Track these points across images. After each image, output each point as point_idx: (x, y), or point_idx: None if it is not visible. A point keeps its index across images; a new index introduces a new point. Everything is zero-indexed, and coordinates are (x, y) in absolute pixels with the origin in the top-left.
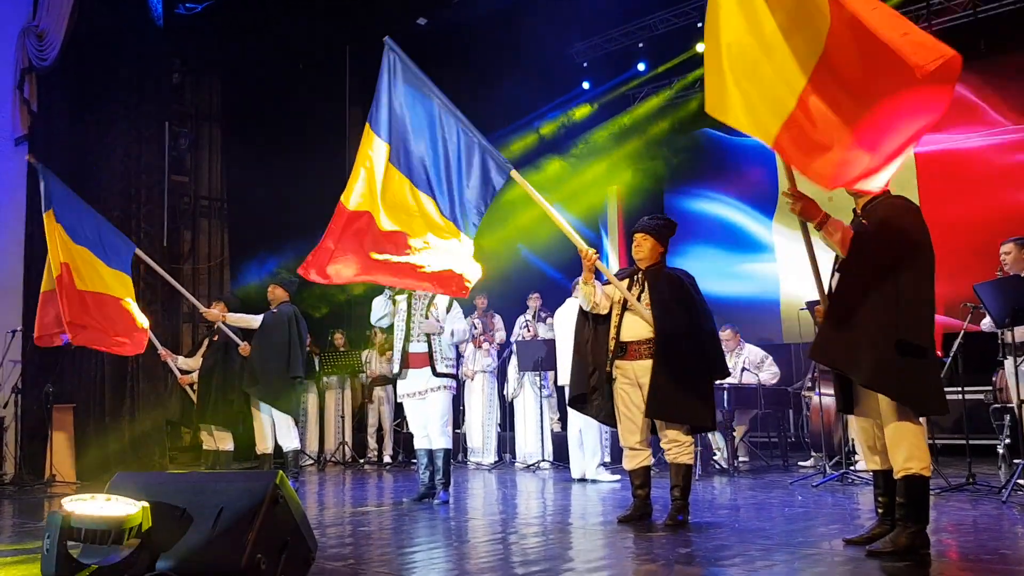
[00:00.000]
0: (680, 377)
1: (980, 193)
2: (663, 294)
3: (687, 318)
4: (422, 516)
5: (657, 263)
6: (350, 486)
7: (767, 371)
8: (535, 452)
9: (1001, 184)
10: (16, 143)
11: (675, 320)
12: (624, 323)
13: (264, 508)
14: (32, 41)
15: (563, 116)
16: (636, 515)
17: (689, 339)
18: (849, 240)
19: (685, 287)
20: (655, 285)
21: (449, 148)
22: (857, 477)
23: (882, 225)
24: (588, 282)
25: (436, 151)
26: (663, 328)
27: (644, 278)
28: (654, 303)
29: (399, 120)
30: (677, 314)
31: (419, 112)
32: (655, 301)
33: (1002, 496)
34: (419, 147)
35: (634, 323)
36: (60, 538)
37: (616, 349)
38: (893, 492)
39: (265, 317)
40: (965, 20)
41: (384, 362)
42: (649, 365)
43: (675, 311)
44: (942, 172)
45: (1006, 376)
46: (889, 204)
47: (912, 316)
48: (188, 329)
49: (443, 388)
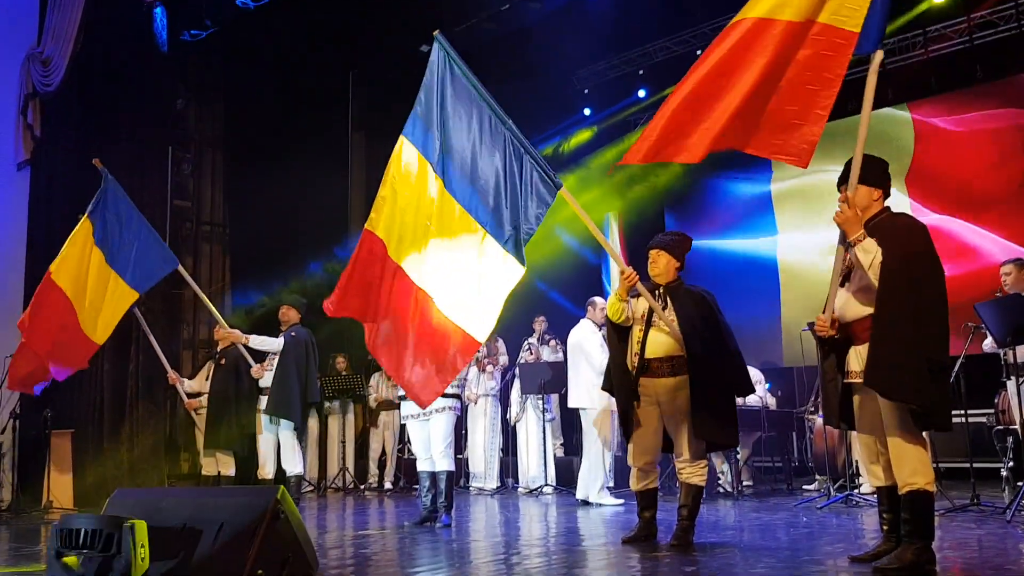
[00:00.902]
0: (714, 396)
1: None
2: (688, 310)
3: (714, 336)
4: (424, 539)
5: (675, 279)
6: (351, 511)
7: (757, 393)
8: (538, 477)
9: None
10: (19, 168)
11: (704, 339)
12: (648, 339)
13: (265, 523)
14: (36, 67)
15: (564, 141)
16: (641, 536)
17: (718, 357)
18: (879, 264)
19: (708, 304)
20: (679, 301)
21: (498, 161)
22: (862, 499)
23: (907, 248)
24: (623, 298)
25: (482, 163)
26: (694, 347)
27: (666, 293)
28: (681, 320)
29: (446, 128)
30: (705, 333)
31: (465, 119)
32: (682, 317)
33: (1007, 516)
34: (465, 159)
35: (658, 340)
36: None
37: (640, 367)
38: (898, 509)
39: (286, 339)
40: (962, 47)
41: (391, 387)
42: (670, 383)
43: (702, 329)
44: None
45: (1008, 397)
46: (898, 224)
47: (942, 335)
48: (188, 356)
49: (446, 409)
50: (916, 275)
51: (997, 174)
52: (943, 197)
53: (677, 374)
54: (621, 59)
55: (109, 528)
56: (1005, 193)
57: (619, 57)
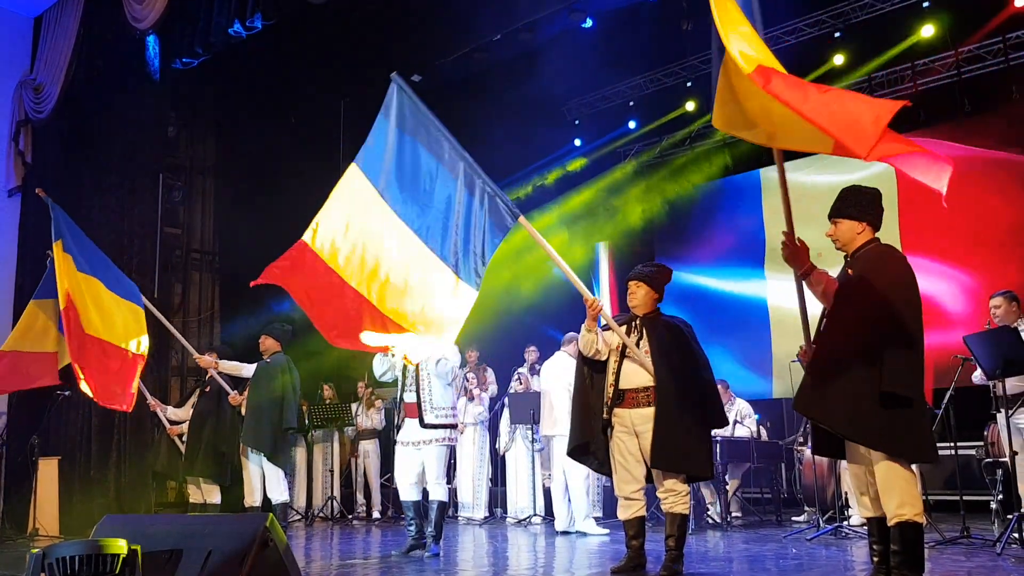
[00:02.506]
0: (682, 426)
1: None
2: (662, 341)
3: (686, 366)
4: (411, 568)
5: (653, 311)
6: (338, 540)
7: (747, 426)
8: (527, 507)
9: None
10: (10, 194)
11: (674, 369)
12: (623, 371)
13: (254, 551)
14: (29, 94)
15: (555, 171)
16: (630, 566)
17: (689, 388)
18: (832, 293)
19: (683, 335)
20: (653, 332)
21: (453, 190)
22: (852, 531)
23: (864, 275)
24: (591, 329)
25: (438, 193)
26: (663, 376)
27: (642, 325)
28: (654, 351)
29: (398, 158)
30: (676, 363)
31: (422, 151)
32: (655, 349)
33: (997, 549)
34: (416, 188)
35: (633, 371)
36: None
37: (614, 397)
38: (887, 540)
39: (258, 367)
40: (949, 80)
41: (371, 415)
42: (647, 413)
43: (675, 360)
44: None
45: (998, 429)
46: (874, 253)
47: (897, 365)
48: (176, 383)
49: (435, 442)
50: (875, 303)
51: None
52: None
53: (652, 404)
54: (612, 90)
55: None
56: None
57: (610, 88)
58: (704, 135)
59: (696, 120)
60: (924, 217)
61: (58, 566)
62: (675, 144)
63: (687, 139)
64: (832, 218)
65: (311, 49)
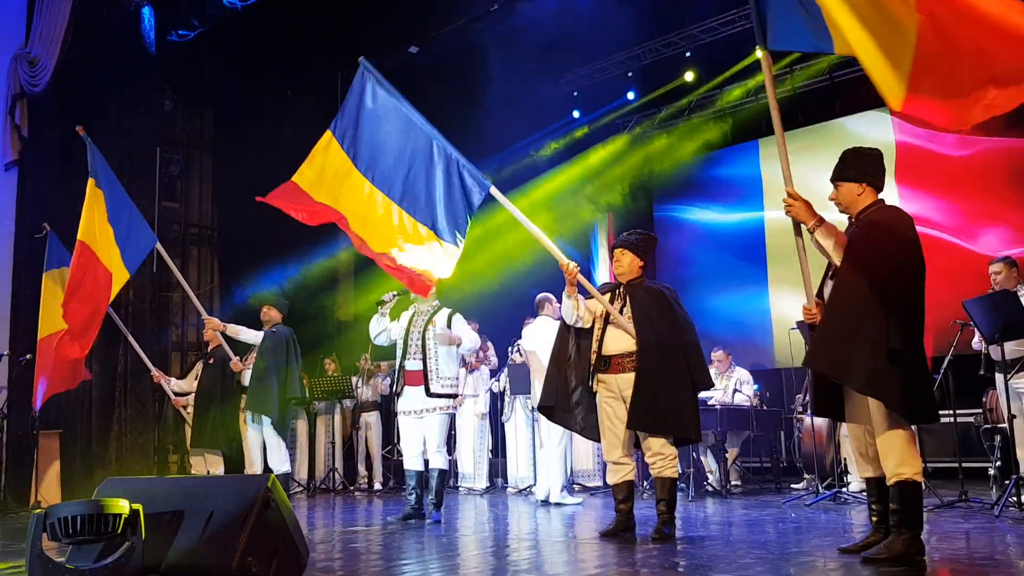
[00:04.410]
0: (663, 388)
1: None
2: (645, 307)
3: (669, 330)
4: (412, 534)
5: (638, 277)
6: (340, 510)
7: (744, 393)
8: (527, 476)
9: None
10: (6, 168)
11: (657, 332)
12: (607, 337)
13: (255, 511)
14: (24, 67)
15: (553, 143)
16: (619, 529)
17: (671, 351)
18: (843, 246)
19: (667, 300)
20: (637, 298)
21: (425, 164)
22: (850, 496)
23: (873, 233)
24: (571, 295)
25: (411, 166)
26: (646, 340)
27: (626, 292)
28: (636, 316)
29: (370, 134)
30: (659, 326)
31: (392, 128)
32: (638, 314)
33: (995, 511)
34: (391, 161)
35: (617, 337)
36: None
37: (599, 363)
38: (886, 500)
39: (265, 334)
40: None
41: (370, 388)
42: (632, 378)
43: (657, 324)
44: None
45: (997, 395)
46: (882, 213)
47: (903, 324)
48: (177, 357)
49: (438, 410)
50: (884, 260)
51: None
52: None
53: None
54: (610, 61)
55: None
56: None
57: (608, 59)
58: (703, 105)
59: (695, 90)
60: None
61: (60, 526)
62: (674, 114)
63: (686, 109)
64: (834, 181)
65: (308, 21)
